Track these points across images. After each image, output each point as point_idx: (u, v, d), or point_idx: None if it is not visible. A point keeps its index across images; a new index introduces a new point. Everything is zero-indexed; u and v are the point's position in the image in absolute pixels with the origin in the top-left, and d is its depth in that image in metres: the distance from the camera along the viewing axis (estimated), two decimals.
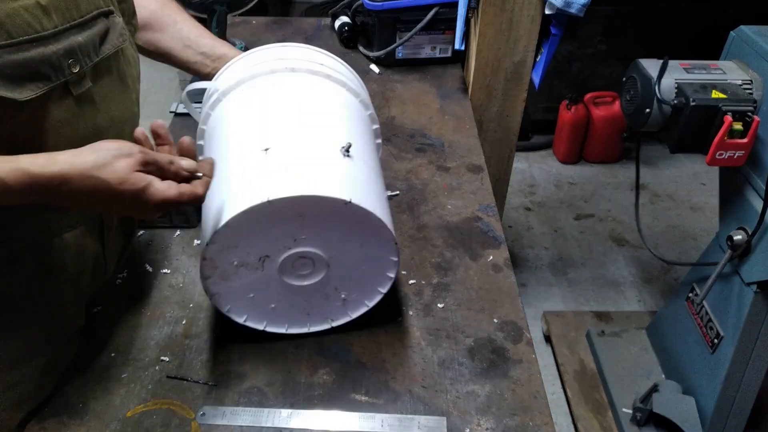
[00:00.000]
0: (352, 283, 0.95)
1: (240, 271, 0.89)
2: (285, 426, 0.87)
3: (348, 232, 0.87)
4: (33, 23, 0.71)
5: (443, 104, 1.61)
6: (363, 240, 0.89)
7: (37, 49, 0.71)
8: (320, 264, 0.91)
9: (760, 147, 1.41)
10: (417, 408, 0.90)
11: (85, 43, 0.77)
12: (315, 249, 0.88)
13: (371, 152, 0.98)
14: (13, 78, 0.70)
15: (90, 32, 0.78)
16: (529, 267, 2.51)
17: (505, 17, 1.53)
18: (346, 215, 0.84)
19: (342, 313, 0.98)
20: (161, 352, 0.96)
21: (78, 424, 0.87)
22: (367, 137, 1.01)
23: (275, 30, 1.93)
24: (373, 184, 0.91)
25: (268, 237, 0.86)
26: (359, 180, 0.88)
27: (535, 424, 0.89)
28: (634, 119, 1.47)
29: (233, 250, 0.86)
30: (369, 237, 0.88)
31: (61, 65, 0.74)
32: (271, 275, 0.90)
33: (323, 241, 0.88)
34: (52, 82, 0.74)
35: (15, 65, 0.69)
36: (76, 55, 0.76)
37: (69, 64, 0.75)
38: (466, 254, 1.16)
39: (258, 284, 0.91)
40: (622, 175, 3.01)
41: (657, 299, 2.38)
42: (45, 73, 0.73)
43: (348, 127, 0.96)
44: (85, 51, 0.78)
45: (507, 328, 1.03)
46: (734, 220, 1.54)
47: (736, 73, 1.42)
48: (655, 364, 1.95)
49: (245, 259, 0.88)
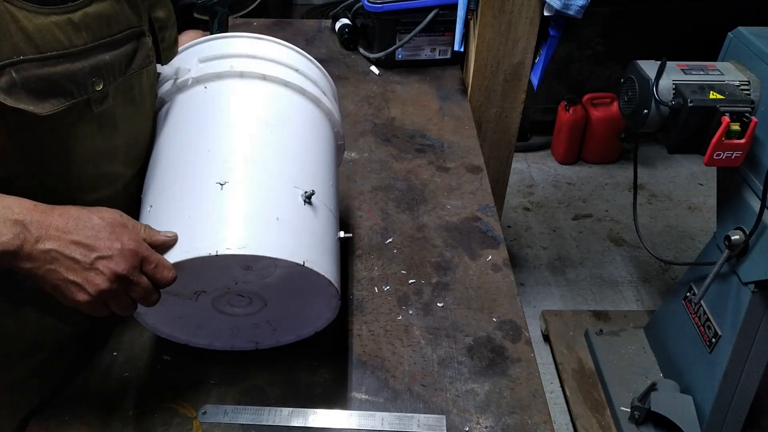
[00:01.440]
0: (286, 321, 0.92)
1: (171, 299, 0.82)
2: (286, 424, 0.88)
3: (293, 285, 0.83)
4: (62, 39, 0.70)
5: (443, 105, 1.62)
6: (306, 290, 0.84)
7: (64, 65, 0.71)
8: (257, 302, 0.86)
9: (758, 147, 1.41)
10: (417, 406, 0.91)
11: (112, 62, 0.76)
12: (255, 290, 0.83)
13: (331, 187, 0.91)
14: (36, 92, 0.69)
15: (118, 52, 0.77)
16: (528, 267, 2.52)
17: (503, 19, 1.54)
18: (294, 272, 0.79)
19: (270, 339, 0.95)
20: (163, 351, 0.97)
21: (80, 423, 0.87)
22: (331, 163, 0.94)
23: (276, 32, 1.93)
24: (329, 235, 0.85)
25: (208, 278, 0.80)
26: (316, 234, 0.81)
27: (533, 422, 0.89)
28: (632, 120, 1.47)
29: None
30: (314, 290, 0.83)
31: (84, 82, 0.73)
32: (203, 305, 0.85)
33: (265, 286, 0.83)
34: (74, 98, 0.73)
35: (40, 79, 0.69)
36: (101, 74, 0.75)
37: (93, 82, 0.74)
38: (465, 254, 1.17)
39: (188, 310, 0.86)
40: (620, 176, 3.02)
41: (655, 299, 2.38)
42: (68, 89, 0.72)
43: (315, 162, 0.89)
44: (111, 70, 0.77)
45: (506, 327, 1.03)
46: (732, 220, 1.55)
47: (734, 74, 1.42)
48: (653, 363, 1.96)
49: (179, 292, 0.81)
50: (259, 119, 0.88)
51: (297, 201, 0.81)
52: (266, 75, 0.91)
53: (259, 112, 0.89)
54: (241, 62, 0.92)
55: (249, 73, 0.91)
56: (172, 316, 0.88)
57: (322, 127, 0.96)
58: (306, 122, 0.94)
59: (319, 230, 0.83)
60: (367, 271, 1.13)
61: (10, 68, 0.66)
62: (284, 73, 0.93)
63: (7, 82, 0.67)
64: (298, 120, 0.93)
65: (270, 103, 0.91)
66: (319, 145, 0.93)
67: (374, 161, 1.40)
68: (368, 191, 1.31)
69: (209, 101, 0.90)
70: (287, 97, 0.93)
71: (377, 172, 1.37)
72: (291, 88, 0.93)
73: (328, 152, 0.96)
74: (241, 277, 0.80)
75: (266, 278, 0.81)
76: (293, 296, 0.86)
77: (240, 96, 0.90)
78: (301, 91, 0.94)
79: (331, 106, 0.99)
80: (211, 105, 0.89)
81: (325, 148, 0.95)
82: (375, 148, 1.45)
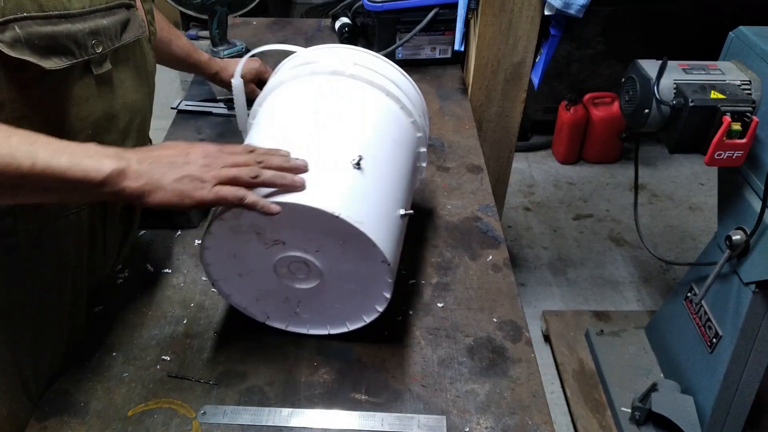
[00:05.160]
0: (339, 306, 0.94)
1: (250, 238, 0.86)
2: (285, 425, 0.88)
3: (342, 247, 0.85)
4: (63, 1, 0.75)
5: (443, 105, 1.62)
6: (356, 257, 0.86)
7: (65, 25, 0.75)
8: (314, 275, 0.90)
9: (759, 147, 1.41)
10: (417, 407, 0.91)
11: (109, 26, 0.82)
12: (306, 255, 0.87)
13: (397, 171, 0.96)
14: (39, 48, 0.74)
15: (113, 18, 0.83)
16: (529, 267, 2.52)
17: (504, 18, 1.54)
18: (340, 230, 0.82)
19: (322, 326, 0.98)
20: (162, 351, 0.97)
21: (79, 423, 0.87)
22: (403, 157, 0.99)
23: (275, 31, 1.93)
24: (381, 202, 0.88)
25: (291, 232, 0.85)
26: (360, 195, 0.85)
27: (534, 423, 0.89)
28: (633, 120, 1.47)
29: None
30: (361, 255, 0.85)
31: (85, 43, 0.78)
32: (267, 264, 0.89)
33: (319, 249, 0.86)
34: (75, 58, 0.78)
35: (43, 36, 0.73)
36: (99, 36, 0.80)
37: (93, 44, 0.79)
38: (465, 254, 1.17)
39: (253, 265, 0.90)
40: (621, 176, 3.02)
41: (656, 299, 2.38)
42: (70, 48, 0.77)
43: (378, 144, 0.94)
44: (108, 34, 0.82)
45: (506, 327, 1.03)
46: (733, 220, 1.55)
47: (735, 74, 1.42)
48: (653, 364, 1.96)
49: (265, 229, 0.85)
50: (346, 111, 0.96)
51: (347, 165, 0.86)
52: (373, 81, 1.00)
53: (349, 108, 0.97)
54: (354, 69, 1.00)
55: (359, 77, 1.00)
56: (236, 273, 0.92)
57: (404, 129, 1.02)
58: (388, 121, 0.99)
59: (365, 195, 0.86)
60: None
61: (13, 23, 0.71)
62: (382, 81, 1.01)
63: (12, 37, 0.71)
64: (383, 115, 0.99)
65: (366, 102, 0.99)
66: (390, 146, 0.97)
67: None
68: None
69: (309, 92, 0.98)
70: (384, 102, 1.00)
71: None
72: (382, 91, 1.00)
73: (404, 155, 1.01)
74: (296, 237, 0.85)
75: (316, 239, 0.85)
76: (349, 271, 0.89)
77: (342, 92, 0.98)
78: (397, 100, 1.01)
79: (420, 120, 1.07)
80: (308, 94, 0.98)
81: (399, 150, 0.99)
82: None
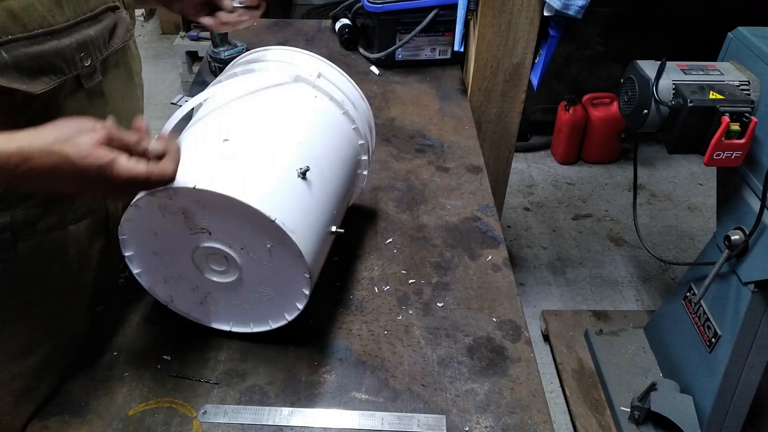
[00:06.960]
0: (259, 305, 0.94)
1: (176, 222, 0.85)
2: (286, 424, 0.88)
3: (269, 251, 0.85)
4: (47, 16, 0.73)
5: (443, 105, 1.62)
6: (280, 263, 0.86)
7: (51, 42, 0.73)
8: (233, 269, 0.89)
9: (758, 147, 1.41)
10: (417, 406, 0.91)
11: (96, 36, 0.79)
12: (229, 250, 0.87)
13: (338, 187, 0.97)
14: (28, 71, 0.72)
15: (100, 26, 0.80)
16: (528, 266, 2.52)
17: (503, 19, 1.54)
18: (271, 234, 0.82)
19: (244, 324, 0.98)
20: (163, 350, 0.97)
21: (80, 423, 0.88)
22: (344, 171, 1.00)
23: (276, 31, 1.93)
24: (317, 216, 0.89)
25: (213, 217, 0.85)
26: (299, 205, 0.86)
27: (533, 422, 0.90)
28: (632, 120, 1.47)
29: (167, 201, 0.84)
30: (287, 262, 0.86)
31: (73, 58, 0.76)
32: (185, 254, 0.89)
33: (244, 248, 0.86)
34: (65, 74, 0.76)
35: (30, 58, 0.71)
36: (87, 49, 0.78)
37: (81, 58, 0.77)
38: (465, 254, 1.17)
39: (171, 253, 0.90)
40: (619, 176, 3.02)
41: (655, 299, 2.39)
42: (58, 66, 0.75)
43: (324, 155, 0.95)
44: (96, 45, 0.80)
45: (506, 327, 1.03)
46: (732, 220, 1.55)
47: (734, 74, 1.42)
48: (653, 363, 1.96)
49: (192, 214, 0.84)
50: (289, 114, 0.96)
51: (292, 173, 0.87)
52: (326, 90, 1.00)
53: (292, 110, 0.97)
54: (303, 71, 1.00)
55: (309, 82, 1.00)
56: (151, 250, 0.90)
57: (346, 136, 1.03)
58: (330, 127, 1.00)
59: (300, 203, 0.87)
60: (367, 271, 1.13)
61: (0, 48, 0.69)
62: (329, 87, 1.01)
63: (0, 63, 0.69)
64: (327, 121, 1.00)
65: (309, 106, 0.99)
66: (331, 153, 0.98)
67: (374, 161, 1.40)
68: (368, 191, 1.31)
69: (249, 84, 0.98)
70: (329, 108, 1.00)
71: (377, 172, 1.38)
72: (336, 102, 1.01)
73: (346, 163, 1.02)
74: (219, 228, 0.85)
75: (242, 235, 0.85)
76: (267, 275, 0.89)
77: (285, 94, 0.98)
78: (340, 106, 1.01)
79: (363, 126, 1.07)
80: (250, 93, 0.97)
81: (339, 157, 1.00)
82: (375, 148, 1.45)
